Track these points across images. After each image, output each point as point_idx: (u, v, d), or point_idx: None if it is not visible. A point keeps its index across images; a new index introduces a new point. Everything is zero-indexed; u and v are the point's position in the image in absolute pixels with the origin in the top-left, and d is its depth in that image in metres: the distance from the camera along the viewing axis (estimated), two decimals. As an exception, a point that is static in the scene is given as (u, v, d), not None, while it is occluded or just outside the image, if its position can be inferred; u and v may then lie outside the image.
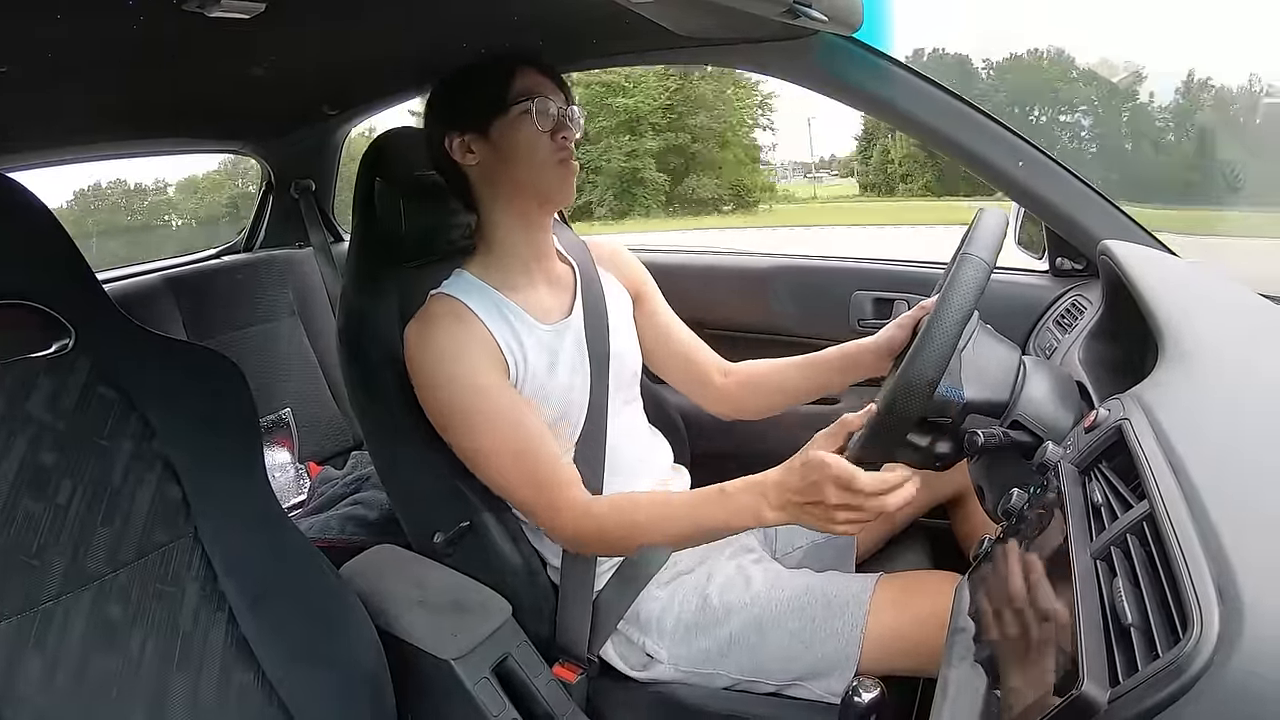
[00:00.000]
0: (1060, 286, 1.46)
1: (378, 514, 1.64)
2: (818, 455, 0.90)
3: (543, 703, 1.05)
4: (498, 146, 1.09)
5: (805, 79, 1.32)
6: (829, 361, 1.24)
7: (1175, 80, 14.28)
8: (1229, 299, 1.04)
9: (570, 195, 1.13)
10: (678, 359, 1.34)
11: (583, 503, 1.06)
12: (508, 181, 1.11)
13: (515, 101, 1.08)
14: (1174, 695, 0.41)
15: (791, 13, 0.95)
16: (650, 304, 1.33)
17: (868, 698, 0.73)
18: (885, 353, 1.17)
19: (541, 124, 1.08)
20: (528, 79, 1.09)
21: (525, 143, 1.08)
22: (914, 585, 1.08)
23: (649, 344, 1.32)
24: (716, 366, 1.34)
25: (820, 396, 1.31)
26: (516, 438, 1.06)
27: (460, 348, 1.06)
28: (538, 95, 1.08)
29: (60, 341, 0.81)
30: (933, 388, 0.82)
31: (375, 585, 1.11)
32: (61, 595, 0.78)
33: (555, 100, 1.10)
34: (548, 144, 1.09)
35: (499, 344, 1.08)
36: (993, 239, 0.89)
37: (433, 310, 1.10)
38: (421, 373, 1.08)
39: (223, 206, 6.14)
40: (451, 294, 1.11)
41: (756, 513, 0.95)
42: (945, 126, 1.28)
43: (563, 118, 1.10)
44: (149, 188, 6.26)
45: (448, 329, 1.07)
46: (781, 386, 1.30)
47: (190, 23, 0.88)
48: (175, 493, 0.88)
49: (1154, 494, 0.54)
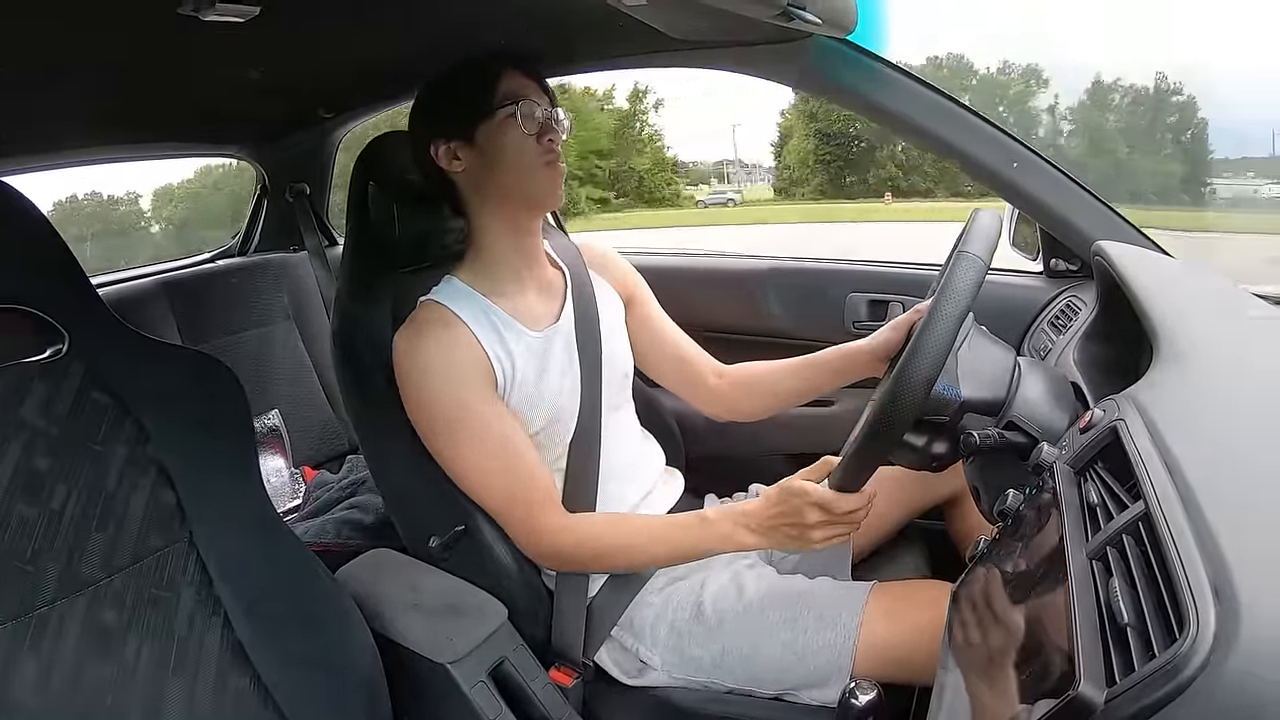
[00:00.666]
0: (1055, 287, 1.46)
1: (373, 518, 1.64)
2: (798, 483, 0.96)
3: (539, 707, 1.05)
4: (484, 151, 1.08)
5: (799, 82, 1.32)
6: (824, 363, 1.24)
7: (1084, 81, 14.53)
8: (1223, 299, 1.05)
9: (558, 198, 1.13)
10: (672, 361, 1.33)
11: (560, 523, 1.06)
12: (495, 187, 1.10)
13: (500, 105, 1.07)
14: (1170, 695, 0.41)
15: (785, 15, 0.95)
16: (643, 307, 1.33)
17: (865, 700, 0.73)
18: (881, 354, 1.17)
19: (527, 127, 1.07)
20: (512, 82, 1.08)
21: (512, 147, 1.07)
22: (908, 594, 1.08)
23: (642, 347, 1.32)
24: (710, 368, 1.34)
25: (815, 398, 1.31)
26: (498, 454, 1.06)
27: (447, 358, 1.06)
28: (523, 98, 1.07)
29: (54, 346, 0.81)
30: (930, 385, 0.82)
31: (371, 589, 1.10)
32: (56, 601, 0.78)
33: (540, 103, 1.09)
34: (534, 147, 1.08)
35: (486, 353, 1.08)
36: (988, 238, 0.90)
37: (421, 318, 1.10)
38: (408, 382, 1.07)
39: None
40: (440, 301, 1.11)
41: (735, 538, 1.01)
42: (939, 128, 1.28)
43: (549, 120, 1.09)
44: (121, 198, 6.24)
45: (435, 338, 1.07)
46: (775, 388, 1.30)
47: (185, 27, 0.88)
48: (170, 498, 0.88)
49: (1149, 494, 0.54)
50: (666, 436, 1.45)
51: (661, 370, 1.35)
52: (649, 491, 1.25)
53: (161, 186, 6.10)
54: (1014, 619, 0.62)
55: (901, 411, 0.83)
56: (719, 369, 1.34)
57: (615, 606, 1.14)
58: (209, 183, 4.34)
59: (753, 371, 1.32)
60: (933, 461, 0.96)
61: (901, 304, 1.60)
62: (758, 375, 1.31)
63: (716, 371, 1.34)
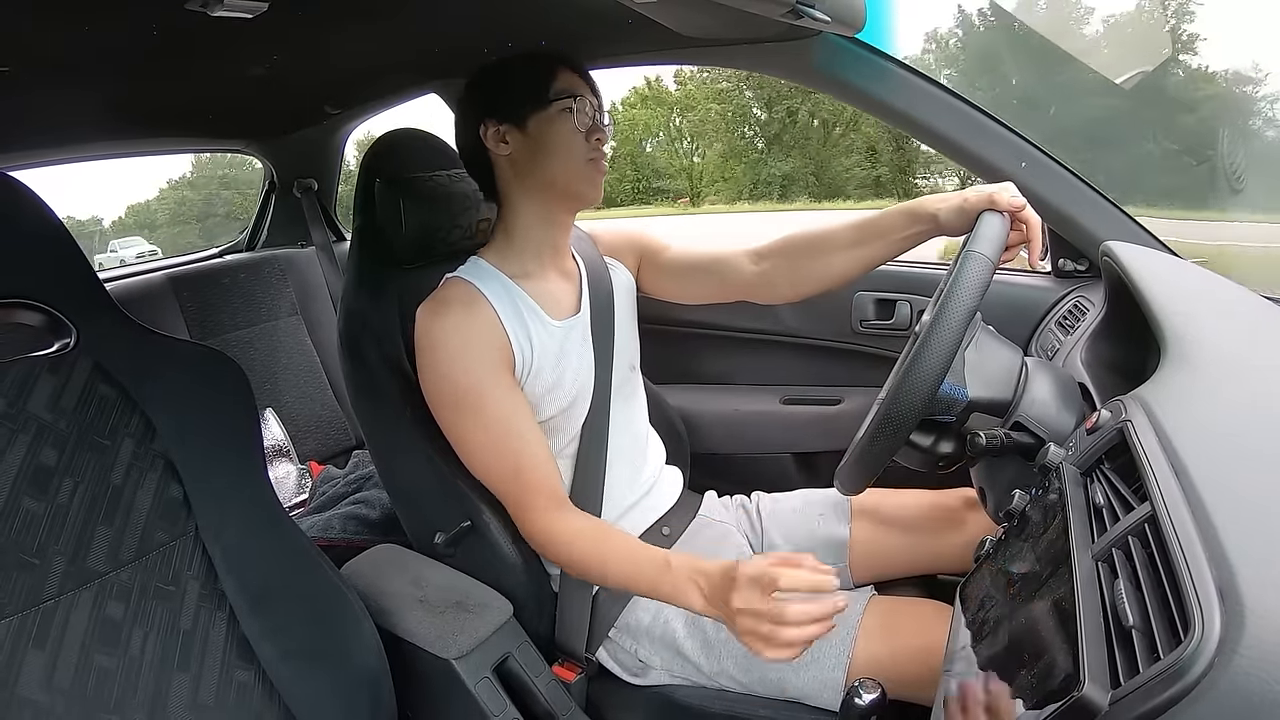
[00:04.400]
0: (1062, 287, 1.45)
1: (379, 513, 1.64)
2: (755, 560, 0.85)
3: (543, 702, 1.05)
4: (534, 139, 1.09)
5: (808, 80, 1.32)
6: (889, 220, 1.10)
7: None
8: (1231, 300, 1.04)
9: (598, 195, 1.13)
10: (705, 274, 1.27)
11: (554, 515, 1.05)
12: (539, 175, 1.11)
13: (556, 98, 1.08)
14: (1175, 697, 0.41)
15: (794, 13, 0.94)
16: (655, 251, 1.31)
17: (868, 699, 0.72)
18: (955, 214, 1.02)
19: (580, 123, 1.08)
20: (567, 79, 1.10)
21: (562, 139, 1.08)
22: (905, 612, 1.07)
23: (674, 283, 1.28)
24: (746, 254, 1.23)
25: (875, 265, 1.14)
26: (506, 434, 1.06)
27: (467, 335, 1.06)
28: (578, 95, 1.09)
29: (62, 341, 0.81)
30: (936, 386, 0.82)
31: (376, 584, 1.11)
32: (62, 594, 0.78)
33: (593, 103, 1.11)
34: (583, 143, 1.09)
35: (508, 335, 1.08)
36: (996, 237, 0.89)
37: (446, 294, 1.10)
38: (426, 354, 1.07)
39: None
40: (467, 279, 1.11)
41: (687, 597, 0.92)
42: (947, 127, 1.28)
43: (598, 120, 1.11)
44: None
45: (459, 314, 1.07)
46: (830, 249, 1.15)
47: (193, 22, 0.88)
48: (176, 492, 0.88)
49: (1156, 496, 0.54)
50: (672, 434, 1.45)
51: (705, 287, 1.27)
52: (652, 485, 1.26)
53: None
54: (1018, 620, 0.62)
55: (906, 412, 0.82)
56: (757, 252, 1.22)
57: (617, 604, 1.14)
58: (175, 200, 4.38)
59: (803, 236, 1.19)
60: (939, 461, 0.96)
61: (909, 303, 1.59)
62: (810, 239, 1.18)
63: (755, 254, 1.22)
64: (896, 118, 1.30)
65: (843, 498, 1.27)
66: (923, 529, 1.23)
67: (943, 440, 0.95)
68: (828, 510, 1.29)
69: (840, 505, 1.28)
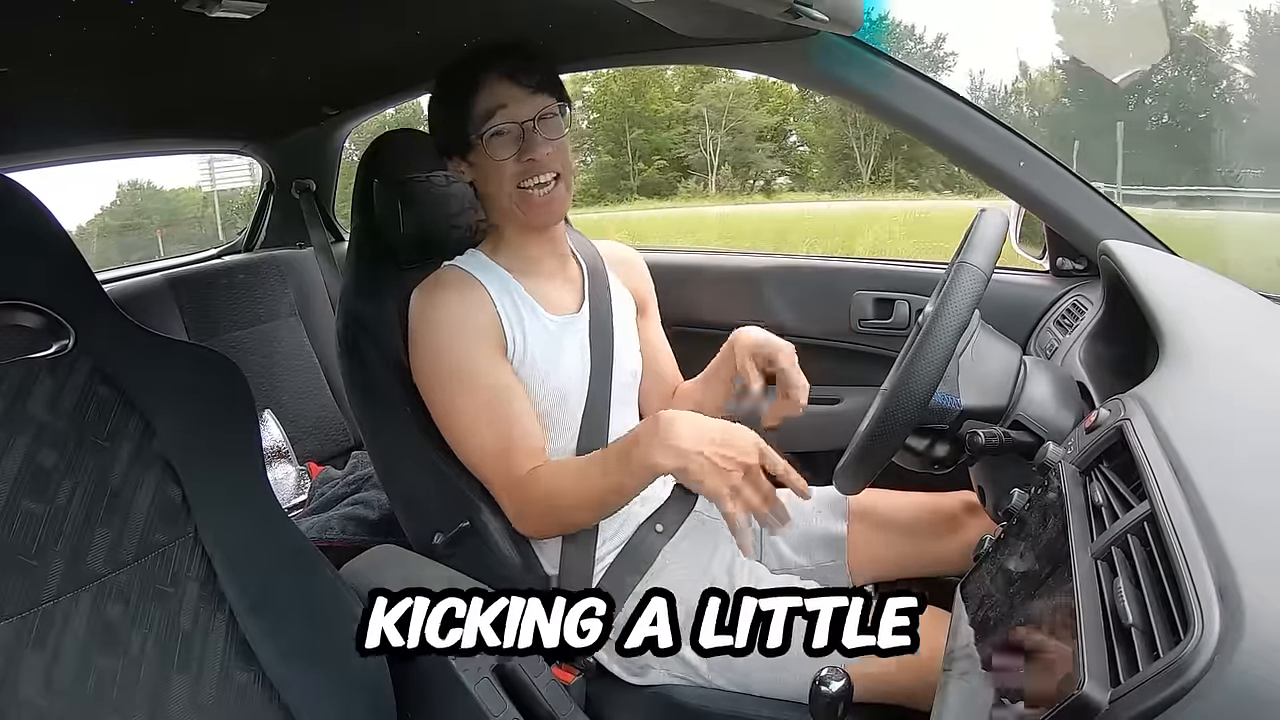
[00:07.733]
0: (1061, 286, 1.45)
1: (378, 514, 1.64)
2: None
3: (544, 703, 1.05)
4: (476, 168, 1.12)
5: (806, 79, 1.32)
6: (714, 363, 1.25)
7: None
8: (1229, 299, 1.04)
9: (544, 218, 1.12)
10: (650, 378, 1.33)
11: (532, 468, 1.05)
12: (489, 204, 1.14)
13: (479, 129, 1.07)
14: (1175, 696, 0.41)
15: (792, 13, 0.95)
16: (647, 322, 1.33)
17: (835, 687, 0.72)
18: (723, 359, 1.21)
19: (503, 151, 1.07)
20: (490, 94, 1.07)
21: (492, 172, 1.09)
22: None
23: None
24: (671, 388, 1.35)
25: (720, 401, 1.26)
26: (491, 404, 1.06)
27: (462, 315, 1.07)
28: (500, 109, 1.07)
29: (60, 342, 0.81)
30: (926, 400, 0.82)
31: (375, 585, 1.11)
32: (61, 595, 0.78)
33: (521, 110, 1.08)
34: (512, 170, 1.08)
35: (501, 319, 1.09)
36: (991, 245, 0.89)
37: (442, 278, 1.11)
38: (418, 333, 1.08)
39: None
40: (463, 267, 1.12)
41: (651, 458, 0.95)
42: (945, 126, 1.27)
43: (529, 131, 1.08)
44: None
45: (453, 295, 1.08)
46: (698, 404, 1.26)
47: (191, 23, 0.88)
48: (175, 493, 0.88)
49: (1155, 494, 0.54)
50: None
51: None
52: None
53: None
54: (1018, 619, 0.62)
55: (897, 424, 0.83)
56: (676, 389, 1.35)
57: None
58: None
59: (681, 389, 1.34)
60: (935, 463, 0.96)
61: (908, 302, 1.59)
62: (684, 392, 1.33)
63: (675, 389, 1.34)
64: (895, 117, 1.30)
65: (840, 496, 1.27)
66: (920, 531, 1.23)
67: (938, 444, 0.95)
68: (825, 507, 1.28)
69: (838, 503, 1.28)
